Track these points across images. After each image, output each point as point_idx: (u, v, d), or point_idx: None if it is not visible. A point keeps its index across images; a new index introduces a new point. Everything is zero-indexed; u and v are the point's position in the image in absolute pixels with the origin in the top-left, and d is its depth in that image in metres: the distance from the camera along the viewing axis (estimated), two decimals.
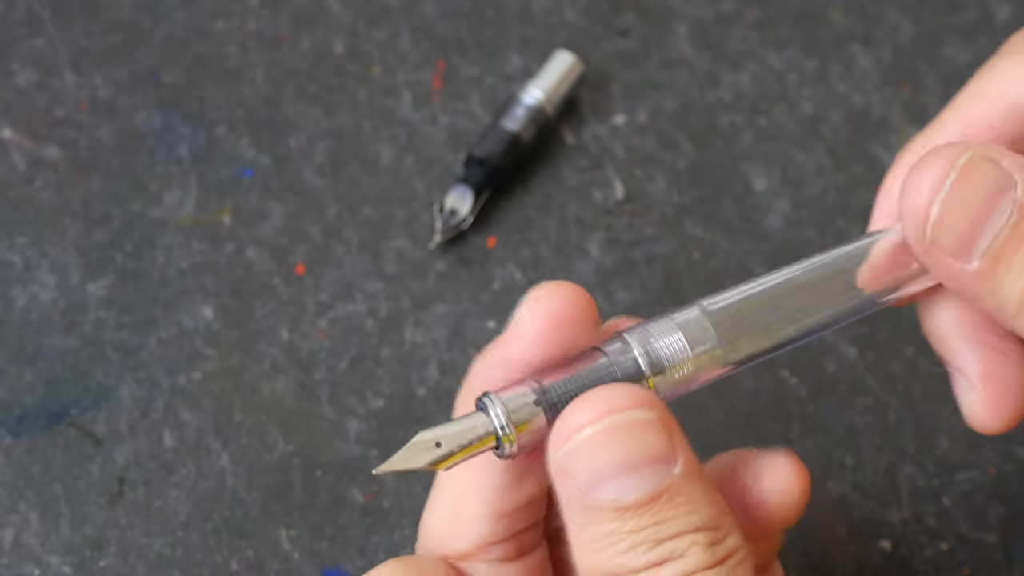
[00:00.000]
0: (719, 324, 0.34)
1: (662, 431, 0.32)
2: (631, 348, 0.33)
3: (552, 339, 0.33)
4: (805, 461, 0.48)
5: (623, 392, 0.32)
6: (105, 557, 0.46)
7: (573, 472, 0.31)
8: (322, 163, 0.54)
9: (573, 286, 0.34)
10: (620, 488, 0.31)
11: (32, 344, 0.50)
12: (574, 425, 0.31)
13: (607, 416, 0.31)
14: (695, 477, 0.32)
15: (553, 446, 0.32)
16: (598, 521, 0.31)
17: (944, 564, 0.46)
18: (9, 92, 0.56)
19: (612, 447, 0.31)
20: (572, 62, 0.55)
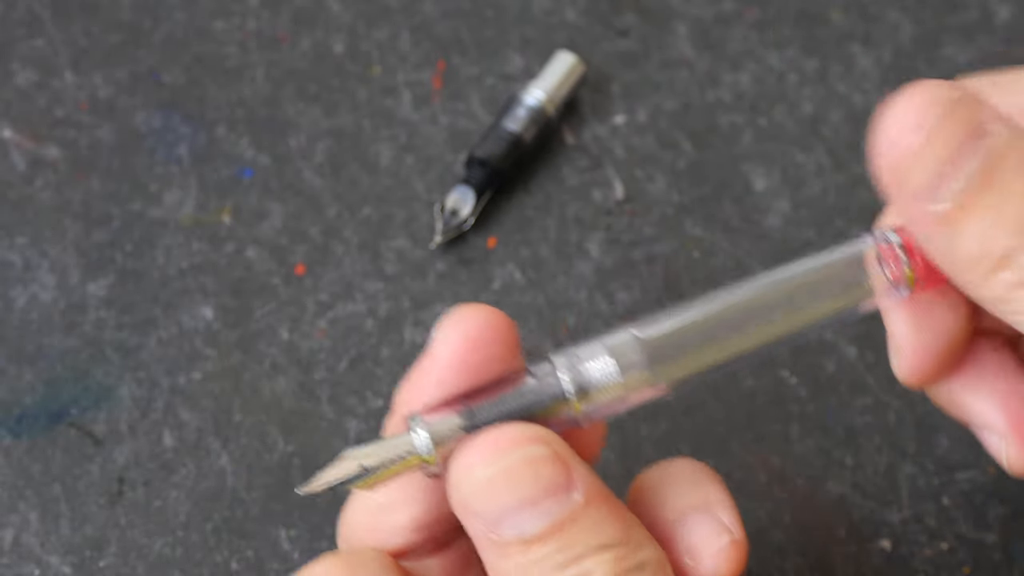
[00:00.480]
0: (649, 347, 0.34)
1: (557, 463, 0.32)
2: (557, 370, 0.33)
3: (468, 363, 0.33)
4: (805, 461, 0.48)
5: (512, 431, 0.32)
6: (105, 557, 0.46)
7: (475, 512, 0.32)
8: (322, 163, 0.54)
9: (489, 309, 0.34)
10: (522, 523, 0.32)
11: (32, 344, 0.50)
12: (468, 467, 0.32)
13: (498, 458, 0.32)
14: (597, 500, 0.32)
15: (451, 487, 0.32)
16: (506, 555, 0.32)
17: (944, 564, 0.46)
18: (9, 92, 0.56)
19: (507, 487, 0.32)
20: (573, 63, 0.55)
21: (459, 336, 0.34)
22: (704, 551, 0.35)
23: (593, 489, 0.33)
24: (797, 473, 0.47)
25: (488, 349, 0.34)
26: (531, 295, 0.51)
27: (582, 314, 0.51)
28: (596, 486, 0.33)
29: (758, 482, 0.47)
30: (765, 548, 0.46)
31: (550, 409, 0.33)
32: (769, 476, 0.48)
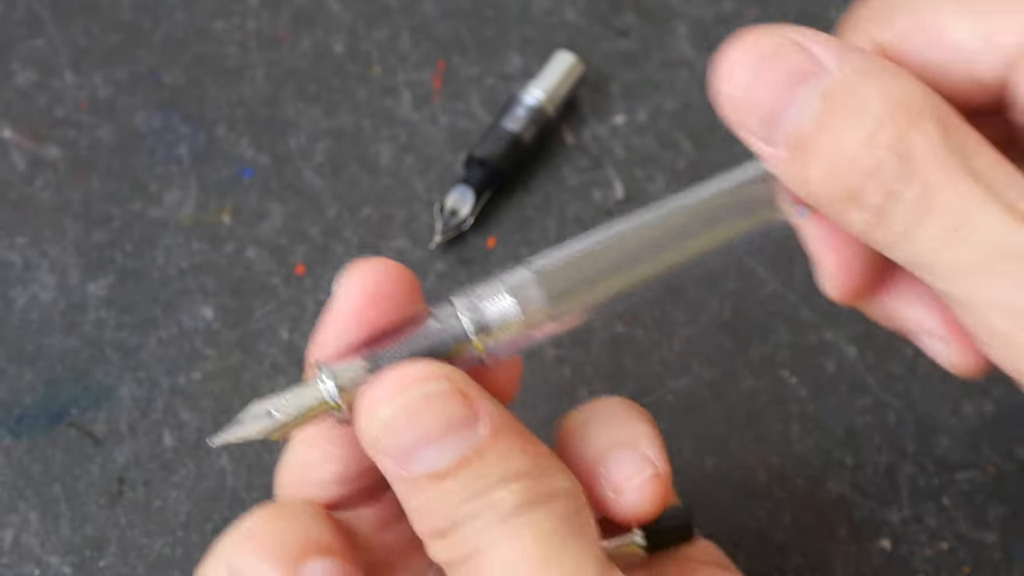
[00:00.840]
0: (547, 281, 0.34)
1: (458, 397, 0.33)
2: (457, 310, 0.34)
3: (368, 314, 0.34)
4: (805, 461, 0.48)
5: (411, 368, 0.33)
6: (105, 557, 0.46)
7: (383, 450, 0.33)
8: (322, 163, 0.54)
9: (386, 261, 0.34)
10: (429, 459, 0.32)
11: (32, 344, 0.50)
12: (371, 406, 0.33)
13: (400, 394, 0.32)
14: (504, 432, 0.33)
15: (358, 428, 0.33)
16: (418, 491, 0.33)
17: (944, 564, 0.46)
18: (9, 92, 0.56)
19: (410, 423, 0.32)
20: (573, 62, 0.55)
21: (357, 289, 0.34)
22: (626, 484, 0.36)
23: (499, 422, 0.33)
24: (797, 473, 0.47)
25: (387, 300, 0.34)
26: None
27: None
28: (503, 419, 0.33)
29: (758, 482, 0.47)
30: (765, 548, 0.46)
31: (453, 350, 0.34)
32: (769, 476, 0.48)
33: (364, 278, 0.34)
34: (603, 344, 0.50)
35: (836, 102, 0.32)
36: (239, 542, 0.34)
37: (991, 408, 0.49)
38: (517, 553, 0.32)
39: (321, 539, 0.35)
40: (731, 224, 0.35)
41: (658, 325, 0.51)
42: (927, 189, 0.32)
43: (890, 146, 0.32)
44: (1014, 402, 0.49)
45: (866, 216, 0.32)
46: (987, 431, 0.49)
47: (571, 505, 0.33)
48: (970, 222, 0.31)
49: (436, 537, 0.33)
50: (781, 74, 0.33)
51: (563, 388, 0.49)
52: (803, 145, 0.33)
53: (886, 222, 0.32)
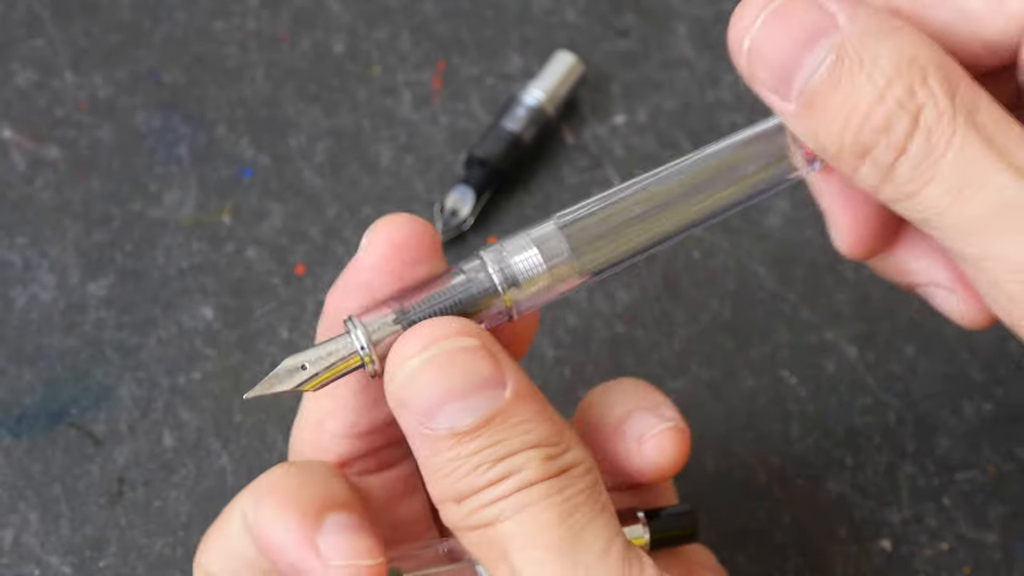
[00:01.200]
0: (573, 236, 0.35)
1: (487, 357, 0.33)
2: (487, 265, 0.34)
3: (393, 266, 0.35)
4: (805, 461, 0.48)
5: (443, 323, 0.33)
6: (105, 557, 0.46)
7: (408, 404, 0.33)
8: (322, 163, 0.54)
9: (409, 216, 0.35)
10: (454, 415, 0.33)
11: (32, 344, 0.50)
12: (401, 358, 0.33)
13: (429, 347, 0.33)
14: (527, 398, 0.33)
15: (387, 380, 0.33)
16: (439, 449, 0.33)
17: (944, 564, 0.46)
18: (9, 92, 0.56)
19: (439, 377, 0.33)
20: (573, 62, 0.55)
21: (383, 241, 0.35)
22: (647, 436, 0.37)
23: (523, 387, 0.33)
24: (797, 473, 0.48)
25: (411, 252, 0.35)
26: None
27: (582, 314, 0.51)
28: (526, 384, 0.34)
29: (758, 482, 0.47)
30: (765, 548, 0.46)
31: (481, 303, 0.34)
32: (769, 476, 0.48)
33: (390, 231, 0.35)
34: (603, 344, 0.50)
35: (848, 58, 0.33)
36: (260, 496, 0.35)
37: (991, 408, 0.49)
38: (540, 526, 0.33)
39: (340, 494, 0.35)
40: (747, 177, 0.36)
41: (658, 325, 0.51)
42: (934, 147, 0.32)
43: (899, 102, 0.32)
44: (1014, 402, 0.49)
45: (876, 172, 0.33)
46: (987, 431, 0.49)
47: (590, 479, 0.33)
48: (976, 180, 0.32)
49: (453, 501, 0.33)
50: (795, 30, 0.33)
51: (563, 388, 0.49)
52: (815, 100, 0.33)
53: (895, 179, 0.33)
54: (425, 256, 0.35)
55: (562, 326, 0.51)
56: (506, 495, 0.33)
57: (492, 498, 0.33)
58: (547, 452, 0.33)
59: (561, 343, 0.50)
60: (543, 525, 0.32)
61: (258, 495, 0.35)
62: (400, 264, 0.35)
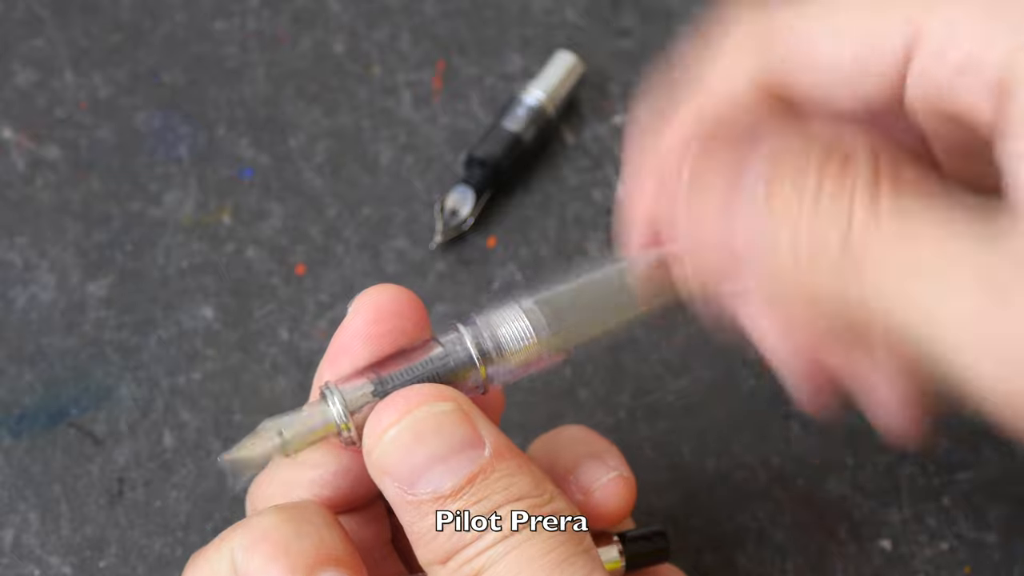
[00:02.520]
0: (551, 314, 0.36)
1: (464, 419, 0.34)
2: (464, 338, 0.35)
3: (377, 336, 0.35)
4: (805, 461, 0.48)
5: (417, 391, 0.34)
6: (105, 557, 0.46)
7: (390, 474, 0.33)
8: (322, 163, 0.54)
9: (397, 287, 0.36)
10: (436, 479, 0.33)
11: (32, 344, 0.50)
12: (379, 429, 0.34)
13: (407, 415, 0.33)
14: (506, 454, 0.34)
15: (366, 452, 0.34)
16: (424, 513, 0.33)
17: (944, 564, 0.46)
18: (9, 92, 0.56)
19: (418, 443, 0.33)
20: (573, 62, 0.55)
21: (368, 311, 0.35)
22: (595, 487, 0.38)
23: (501, 444, 0.34)
24: (797, 473, 0.47)
25: (395, 322, 0.35)
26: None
27: None
28: (504, 441, 0.34)
29: (758, 482, 0.47)
30: (765, 548, 0.46)
31: (457, 374, 0.35)
32: (769, 476, 0.48)
33: (375, 301, 0.36)
34: (603, 344, 0.50)
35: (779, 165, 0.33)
36: (252, 543, 0.34)
37: None
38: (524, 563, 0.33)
39: (335, 547, 0.35)
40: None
41: (658, 325, 0.51)
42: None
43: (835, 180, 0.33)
44: None
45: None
46: (987, 431, 0.49)
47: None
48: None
49: (439, 562, 0.33)
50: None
51: (563, 388, 0.49)
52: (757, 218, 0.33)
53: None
54: (409, 327, 0.36)
55: None
56: (492, 545, 0.33)
57: (477, 551, 0.33)
58: (532, 503, 0.33)
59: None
60: (527, 561, 0.33)
61: (250, 541, 0.34)
62: (385, 334, 0.35)
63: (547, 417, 0.48)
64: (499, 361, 0.35)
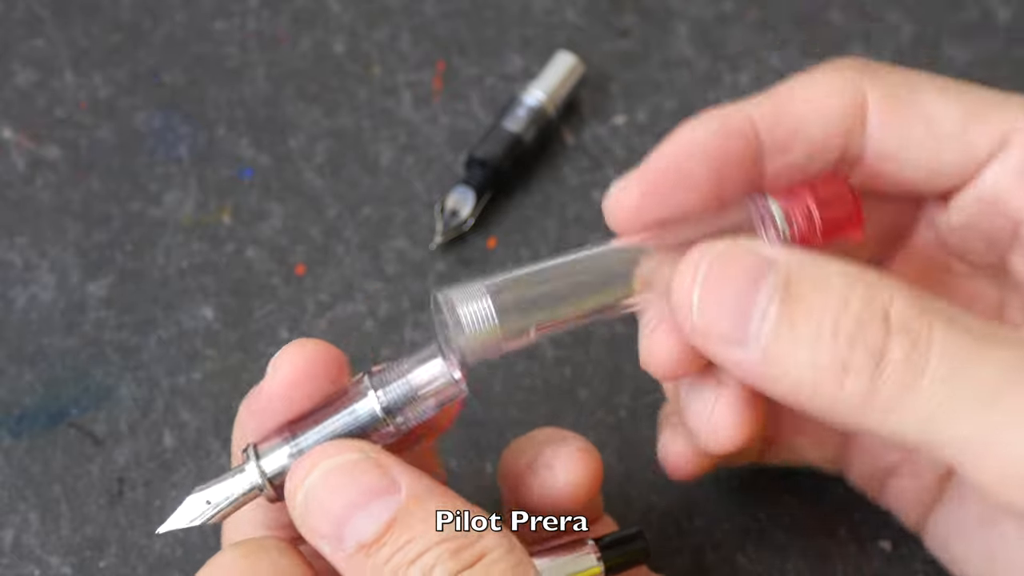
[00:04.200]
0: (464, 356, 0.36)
1: (372, 466, 0.34)
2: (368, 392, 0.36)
3: (296, 393, 0.36)
4: None
5: (325, 448, 0.35)
6: (105, 557, 0.46)
7: (316, 529, 0.34)
8: (322, 163, 0.54)
9: (315, 344, 0.37)
10: (358, 529, 0.34)
11: (32, 344, 0.50)
12: (295, 488, 0.35)
13: (316, 468, 0.34)
14: (424, 496, 0.34)
15: (290, 511, 0.35)
16: (357, 565, 0.34)
17: None
18: (9, 92, 0.56)
19: (333, 493, 0.34)
20: (573, 63, 0.55)
21: (288, 369, 0.36)
22: (555, 461, 0.38)
23: (418, 487, 0.34)
24: (797, 473, 0.47)
25: (315, 380, 0.36)
26: None
27: None
28: (421, 483, 0.34)
29: (758, 482, 0.47)
30: (765, 548, 0.46)
31: (367, 427, 0.36)
32: (769, 476, 0.48)
33: (292, 360, 0.36)
34: (603, 344, 0.50)
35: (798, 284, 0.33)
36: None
37: None
38: None
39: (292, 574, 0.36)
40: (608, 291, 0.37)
41: None
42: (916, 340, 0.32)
43: (864, 308, 0.32)
44: None
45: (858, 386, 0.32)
46: None
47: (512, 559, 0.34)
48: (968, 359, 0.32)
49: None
50: (737, 276, 0.34)
51: (563, 388, 0.49)
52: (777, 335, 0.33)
53: (880, 387, 0.32)
54: (330, 382, 0.36)
55: None
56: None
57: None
58: (455, 545, 0.33)
59: (561, 343, 0.50)
60: None
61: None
62: (305, 391, 0.36)
63: (547, 417, 0.48)
64: (410, 407, 0.36)
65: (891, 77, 0.38)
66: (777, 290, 0.33)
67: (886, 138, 0.37)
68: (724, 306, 0.34)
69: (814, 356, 0.33)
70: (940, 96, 0.37)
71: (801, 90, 0.38)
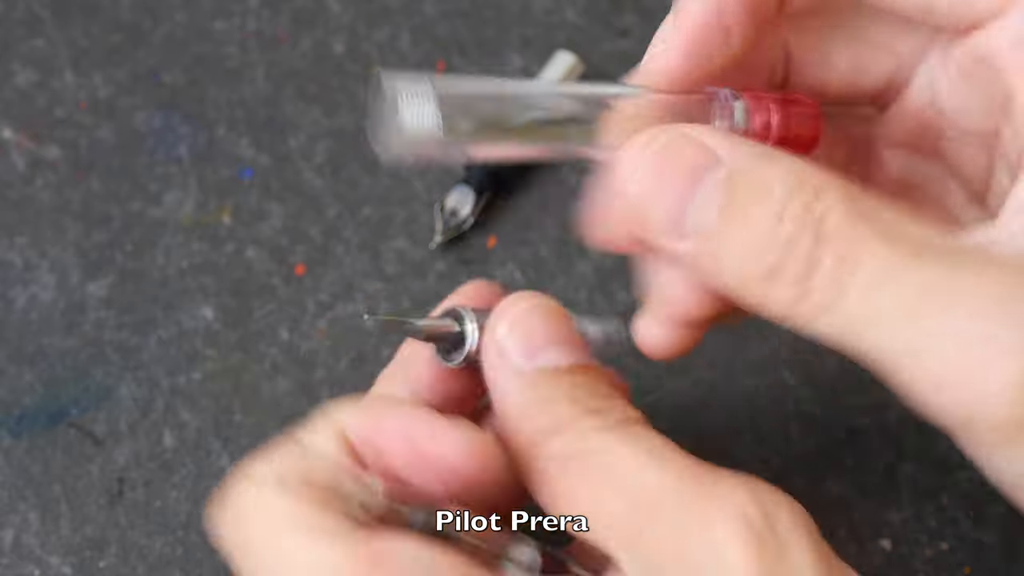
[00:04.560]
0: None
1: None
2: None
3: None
4: (805, 461, 0.48)
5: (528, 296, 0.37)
6: (105, 557, 0.46)
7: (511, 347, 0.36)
8: (322, 163, 0.54)
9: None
10: (555, 356, 0.35)
11: (32, 344, 0.50)
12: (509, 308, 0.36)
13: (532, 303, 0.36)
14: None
15: (492, 328, 0.36)
16: (536, 384, 0.35)
17: (944, 564, 0.46)
18: (9, 92, 0.56)
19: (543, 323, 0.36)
20: (573, 63, 0.55)
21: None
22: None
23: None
24: (797, 473, 0.47)
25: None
26: None
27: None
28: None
29: None
30: None
31: None
32: (769, 476, 0.48)
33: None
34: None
35: (738, 186, 0.33)
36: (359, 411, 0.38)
37: None
38: (636, 455, 0.34)
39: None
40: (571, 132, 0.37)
41: None
42: (846, 252, 0.32)
43: (799, 217, 0.32)
44: None
45: (788, 291, 0.33)
46: None
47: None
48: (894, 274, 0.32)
49: (549, 434, 0.34)
50: (680, 168, 0.34)
51: None
52: (713, 233, 0.33)
53: (809, 293, 0.32)
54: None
55: None
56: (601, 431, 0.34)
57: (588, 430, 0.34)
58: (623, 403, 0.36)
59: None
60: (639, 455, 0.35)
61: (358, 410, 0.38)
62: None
63: None
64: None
65: None
66: (717, 188, 0.33)
67: None
68: (663, 196, 0.34)
69: (745, 261, 0.33)
70: None
71: None
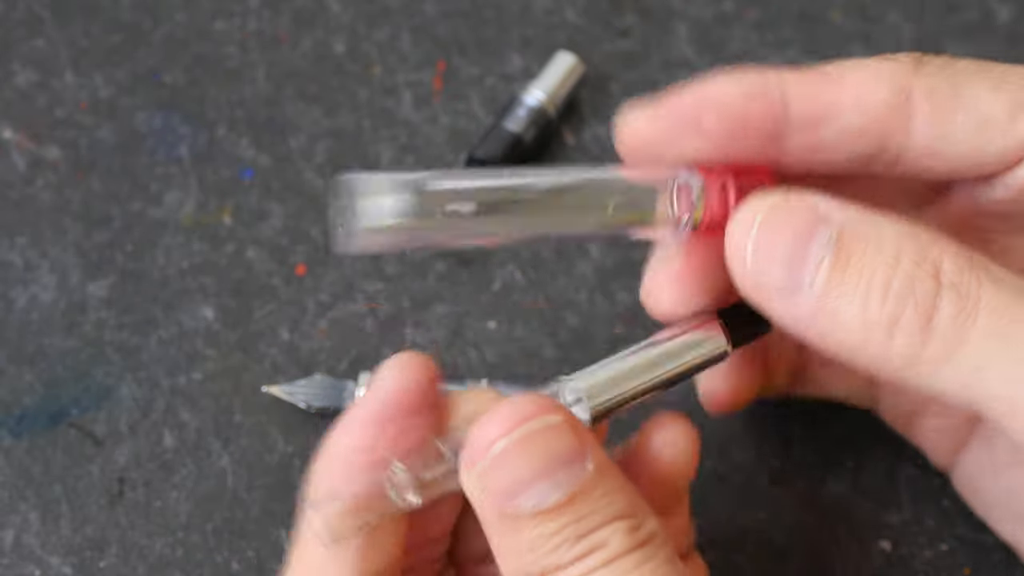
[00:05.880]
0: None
1: (571, 432, 0.33)
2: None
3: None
4: (805, 461, 0.48)
5: (529, 401, 0.33)
6: (105, 558, 0.46)
7: (491, 488, 0.33)
8: (322, 163, 0.54)
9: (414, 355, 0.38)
10: (539, 494, 0.32)
11: (32, 344, 0.50)
12: (485, 442, 0.33)
13: (518, 427, 0.33)
14: (607, 471, 0.33)
15: (467, 465, 0.33)
16: (520, 529, 0.33)
17: (944, 564, 0.46)
18: (9, 92, 0.56)
19: (526, 456, 0.33)
20: (573, 63, 0.55)
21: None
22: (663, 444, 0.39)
23: (603, 459, 0.33)
24: (797, 473, 0.48)
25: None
26: (531, 295, 0.51)
27: (582, 314, 0.51)
28: (604, 457, 0.34)
29: (758, 483, 0.47)
30: (765, 550, 0.46)
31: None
32: (769, 476, 0.48)
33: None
34: (603, 344, 0.50)
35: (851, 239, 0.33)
36: None
37: None
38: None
39: None
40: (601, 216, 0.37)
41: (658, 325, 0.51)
42: (965, 297, 0.32)
43: (915, 264, 0.33)
44: None
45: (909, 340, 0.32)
46: None
47: (668, 550, 0.33)
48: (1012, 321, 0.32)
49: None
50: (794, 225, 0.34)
51: None
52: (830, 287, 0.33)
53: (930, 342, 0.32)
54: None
55: (562, 326, 0.51)
56: (594, 569, 0.32)
57: (579, 574, 0.32)
58: (630, 524, 0.33)
59: (561, 343, 0.50)
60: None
61: None
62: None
63: None
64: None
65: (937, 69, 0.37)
66: (831, 243, 0.33)
67: (931, 134, 0.36)
68: (778, 256, 0.34)
69: (864, 312, 0.33)
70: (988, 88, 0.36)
71: (849, 73, 0.37)
